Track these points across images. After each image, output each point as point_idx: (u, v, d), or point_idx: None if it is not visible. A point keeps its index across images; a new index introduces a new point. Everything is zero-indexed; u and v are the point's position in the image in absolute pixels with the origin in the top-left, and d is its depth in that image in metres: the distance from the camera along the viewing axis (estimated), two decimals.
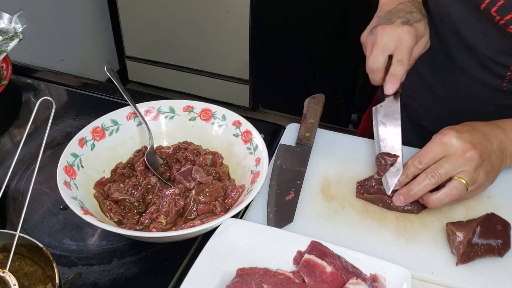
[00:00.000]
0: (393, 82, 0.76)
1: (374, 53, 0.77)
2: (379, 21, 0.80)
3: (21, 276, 0.62)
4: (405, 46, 0.76)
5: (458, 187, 0.70)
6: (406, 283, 0.62)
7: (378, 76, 0.79)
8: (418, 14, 0.80)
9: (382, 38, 0.77)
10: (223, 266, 0.65)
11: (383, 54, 0.77)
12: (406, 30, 0.76)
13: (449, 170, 0.70)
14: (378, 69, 0.78)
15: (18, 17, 1.04)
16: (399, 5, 0.81)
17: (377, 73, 0.78)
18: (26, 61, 1.13)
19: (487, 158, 0.71)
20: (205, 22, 2.45)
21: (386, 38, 0.77)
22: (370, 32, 0.80)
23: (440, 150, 0.71)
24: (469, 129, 0.73)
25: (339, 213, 0.76)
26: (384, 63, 0.77)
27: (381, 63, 0.77)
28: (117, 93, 0.93)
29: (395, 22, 0.78)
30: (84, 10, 2.51)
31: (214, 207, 0.73)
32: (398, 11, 0.80)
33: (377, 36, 0.78)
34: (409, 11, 0.79)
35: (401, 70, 0.76)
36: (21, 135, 0.93)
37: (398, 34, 0.77)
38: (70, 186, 0.70)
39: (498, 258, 0.68)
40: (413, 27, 0.77)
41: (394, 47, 0.77)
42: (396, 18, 0.78)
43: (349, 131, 2.49)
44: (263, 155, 0.76)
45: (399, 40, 0.76)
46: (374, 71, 0.78)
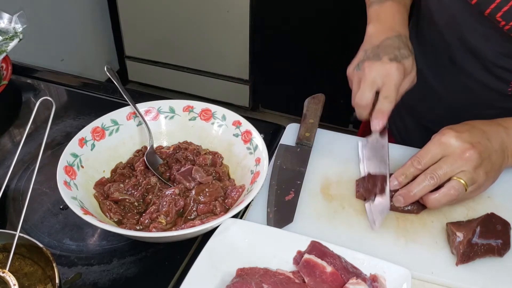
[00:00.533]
0: (380, 118, 0.76)
1: (362, 89, 0.77)
2: (366, 56, 0.80)
3: (21, 276, 0.62)
4: (393, 82, 0.76)
5: (456, 187, 0.70)
6: (406, 283, 0.62)
7: (365, 112, 0.79)
8: (405, 51, 0.79)
9: (370, 74, 0.77)
10: (223, 266, 0.65)
11: (371, 90, 0.77)
12: (394, 67, 0.76)
13: (448, 170, 0.70)
14: (365, 105, 0.78)
15: (18, 17, 1.04)
16: (387, 40, 0.80)
17: (364, 109, 0.78)
18: (26, 61, 1.13)
19: (487, 158, 0.71)
20: (205, 22, 2.45)
21: (374, 74, 0.77)
22: (357, 67, 0.80)
23: (439, 150, 0.71)
24: (469, 129, 0.72)
25: (339, 213, 0.76)
26: (372, 99, 0.77)
27: (369, 99, 0.77)
28: (117, 93, 0.93)
29: (383, 58, 0.77)
30: (84, 10, 2.51)
31: (214, 207, 0.73)
32: (386, 46, 0.79)
33: (365, 71, 0.77)
34: (397, 47, 0.79)
35: (388, 106, 0.76)
36: (21, 135, 0.93)
37: (386, 70, 0.76)
38: (70, 186, 0.70)
39: (498, 258, 0.68)
40: (401, 63, 0.77)
41: (381, 83, 0.76)
42: (383, 54, 0.78)
43: (349, 131, 2.49)
44: (263, 155, 0.76)
45: (387, 76, 0.76)
46: (362, 107, 0.78)
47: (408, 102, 0.79)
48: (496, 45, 0.82)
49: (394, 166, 0.81)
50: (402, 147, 0.87)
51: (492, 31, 0.80)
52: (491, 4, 0.76)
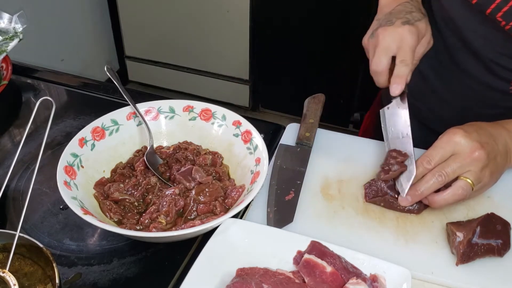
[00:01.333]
0: (398, 83, 0.76)
1: (377, 55, 0.77)
2: (379, 23, 0.80)
3: (21, 276, 0.62)
4: (408, 45, 0.76)
5: (464, 187, 0.70)
6: (406, 283, 0.62)
7: (382, 78, 0.78)
8: (418, 14, 0.79)
9: (384, 40, 0.77)
10: (223, 266, 0.65)
11: (386, 55, 0.77)
12: (407, 29, 0.76)
13: (456, 169, 0.70)
14: (382, 71, 0.78)
15: (18, 17, 1.04)
16: (398, 6, 0.81)
17: (381, 75, 0.78)
18: (26, 61, 1.13)
19: (493, 159, 0.71)
20: (205, 22, 2.45)
21: (388, 39, 0.77)
22: (371, 35, 0.80)
23: (449, 149, 0.71)
24: (477, 129, 0.72)
25: (339, 213, 0.76)
26: (388, 64, 0.77)
27: (385, 65, 0.77)
28: (117, 93, 0.93)
29: (396, 22, 0.77)
30: (84, 10, 2.51)
31: (214, 207, 0.73)
32: (398, 12, 0.80)
33: (379, 38, 0.77)
34: (408, 11, 0.79)
35: (406, 70, 0.76)
36: (21, 135, 0.93)
37: (399, 34, 0.76)
38: (70, 186, 0.70)
39: (498, 258, 0.68)
40: (414, 26, 0.77)
41: (396, 47, 0.76)
42: (396, 19, 0.78)
43: (349, 131, 2.49)
44: (263, 155, 0.76)
45: (401, 40, 0.76)
46: (378, 74, 0.78)
47: (410, 102, 0.79)
48: (496, 45, 0.82)
49: None
50: None
51: (493, 31, 0.80)
52: (491, 4, 0.76)
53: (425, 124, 1.02)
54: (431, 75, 0.96)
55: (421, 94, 0.98)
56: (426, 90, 0.98)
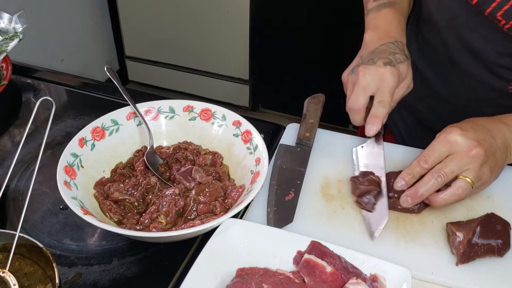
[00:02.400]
0: (374, 123, 0.75)
1: (355, 93, 0.77)
2: (362, 60, 0.79)
3: (21, 276, 0.62)
4: (387, 87, 0.76)
5: (464, 186, 0.69)
6: (406, 283, 0.62)
7: (359, 117, 0.78)
8: (401, 56, 0.79)
9: (364, 78, 0.76)
10: (223, 266, 0.65)
11: (365, 94, 0.76)
12: (388, 70, 0.76)
13: (455, 168, 0.70)
14: (359, 110, 0.77)
15: (18, 17, 1.04)
16: (382, 46, 0.80)
17: (357, 113, 0.78)
18: (26, 61, 1.13)
19: (491, 155, 0.71)
20: (205, 22, 2.45)
21: (368, 78, 0.76)
22: (352, 71, 0.79)
23: (445, 148, 0.71)
24: (473, 126, 0.72)
25: (339, 213, 0.76)
26: (365, 103, 0.77)
27: (362, 104, 0.77)
28: (117, 93, 0.93)
29: (378, 62, 0.77)
30: (84, 10, 2.51)
31: (214, 207, 0.73)
32: (381, 51, 0.79)
33: (359, 75, 0.77)
34: (392, 52, 0.79)
35: (383, 111, 0.75)
36: (21, 135, 0.93)
37: (380, 74, 0.76)
38: (70, 186, 0.70)
39: (498, 258, 0.68)
40: (395, 68, 0.77)
41: (375, 87, 0.76)
42: (378, 58, 0.77)
43: (349, 131, 2.49)
44: (263, 155, 0.76)
45: (381, 80, 0.76)
46: (355, 112, 0.78)
47: (409, 102, 0.79)
48: (496, 45, 0.82)
49: (394, 166, 0.81)
50: (403, 147, 0.87)
51: (492, 31, 0.80)
52: (491, 4, 0.76)
53: (424, 123, 1.02)
54: (431, 75, 0.96)
55: (421, 93, 0.98)
56: (425, 90, 0.98)
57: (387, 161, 0.79)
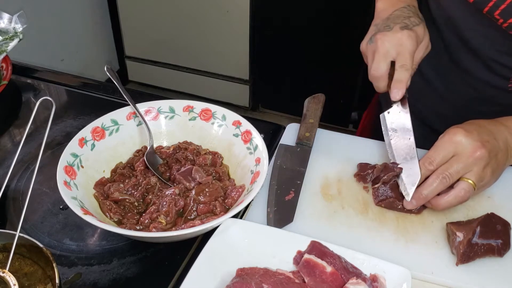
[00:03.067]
0: (399, 87, 0.76)
1: (376, 60, 0.77)
2: (377, 28, 0.80)
3: (21, 276, 0.62)
4: (407, 50, 0.76)
5: (466, 188, 0.70)
6: (406, 283, 0.62)
7: (382, 84, 0.78)
8: (415, 18, 0.79)
9: (382, 45, 0.77)
10: (223, 266, 0.65)
11: (385, 60, 0.77)
12: (406, 34, 0.76)
13: (459, 170, 0.70)
14: (381, 77, 0.78)
15: (18, 17, 1.04)
16: (396, 11, 0.81)
17: (381, 80, 0.78)
18: (26, 61, 1.13)
19: (494, 156, 0.71)
20: (205, 22, 2.45)
21: (387, 45, 0.77)
22: (370, 40, 0.80)
23: (450, 149, 0.71)
24: (477, 128, 0.72)
25: (339, 213, 0.76)
26: (387, 69, 0.77)
27: (384, 70, 0.77)
28: (117, 93, 0.93)
29: (394, 28, 0.77)
30: (84, 10, 2.51)
31: (214, 207, 0.73)
32: (396, 17, 0.79)
33: (377, 43, 0.77)
34: (406, 16, 0.79)
35: (406, 75, 0.76)
36: (21, 135, 0.93)
37: (398, 39, 0.76)
38: (70, 186, 0.70)
39: (498, 258, 0.68)
40: (412, 31, 0.77)
41: (395, 52, 0.76)
42: (394, 24, 0.78)
43: (349, 131, 2.49)
44: (263, 155, 0.76)
45: (400, 45, 0.76)
46: (378, 79, 0.78)
47: (410, 103, 0.79)
48: (495, 43, 0.82)
49: None
50: None
51: (491, 29, 0.80)
52: (489, 3, 0.76)
53: (426, 123, 1.02)
54: (431, 74, 0.96)
55: (421, 93, 0.98)
56: (426, 89, 0.98)
57: (387, 159, 0.79)
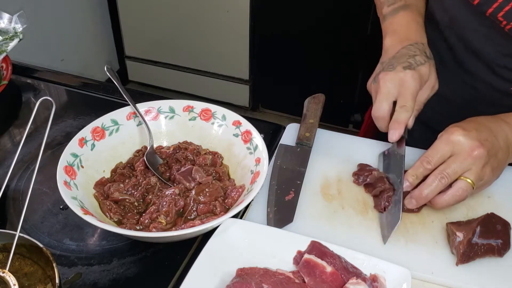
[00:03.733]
0: (396, 128, 0.76)
1: (378, 100, 0.77)
2: (382, 67, 0.79)
3: (21, 276, 0.62)
4: (409, 91, 0.76)
5: (464, 187, 0.70)
6: (406, 283, 0.62)
7: (383, 124, 0.78)
8: (421, 57, 0.79)
9: (384, 85, 0.77)
10: (223, 266, 0.65)
11: (387, 101, 0.77)
12: (409, 74, 0.76)
13: (457, 169, 0.70)
14: (383, 117, 0.77)
15: (18, 17, 1.04)
16: (402, 49, 0.80)
17: (382, 120, 0.78)
18: (26, 61, 1.13)
19: (493, 155, 0.71)
20: (205, 22, 2.45)
21: (389, 85, 0.76)
22: (374, 80, 0.80)
23: (448, 148, 0.71)
24: (476, 126, 0.72)
25: (339, 213, 0.76)
26: (389, 110, 0.77)
27: (386, 111, 0.77)
28: (117, 93, 0.93)
29: (397, 67, 0.77)
30: (84, 10, 2.51)
31: (214, 207, 0.73)
32: (401, 56, 0.79)
33: (380, 83, 0.77)
34: (412, 55, 0.78)
35: (405, 115, 0.75)
36: (21, 135, 0.93)
37: (400, 79, 0.76)
38: (70, 186, 0.70)
39: (498, 258, 0.68)
40: (416, 71, 0.76)
41: (397, 93, 0.76)
42: (398, 63, 0.77)
43: (349, 131, 2.49)
44: (263, 155, 0.76)
45: (402, 85, 0.76)
46: (379, 119, 0.78)
47: None
48: (498, 45, 0.82)
49: None
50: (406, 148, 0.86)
51: (493, 31, 0.80)
52: (493, 4, 0.76)
53: (428, 125, 1.02)
54: None
55: None
56: None
57: None
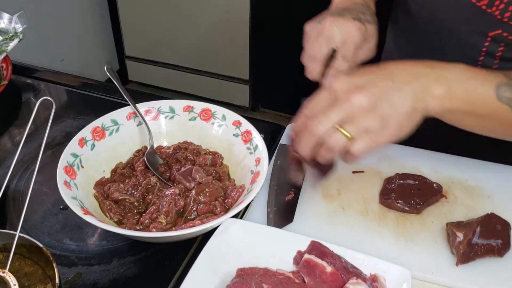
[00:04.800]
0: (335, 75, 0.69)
1: (319, 41, 0.73)
2: (330, 13, 0.76)
3: (21, 276, 0.62)
4: (352, 42, 0.73)
5: (338, 139, 0.61)
6: (406, 283, 0.62)
7: (317, 66, 0.74)
8: (370, 17, 0.77)
9: (330, 28, 0.73)
10: (223, 266, 0.65)
11: (328, 45, 0.73)
12: (357, 25, 0.73)
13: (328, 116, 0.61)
14: (319, 58, 0.74)
15: (18, 17, 1.04)
16: (353, 5, 0.78)
17: (316, 62, 0.74)
18: (26, 61, 1.13)
19: (383, 100, 0.61)
20: (205, 22, 2.45)
21: (335, 29, 0.73)
22: (317, 21, 0.76)
23: (326, 96, 0.63)
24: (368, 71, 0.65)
25: (339, 213, 0.76)
26: (326, 54, 0.73)
27: (324, 53, 0.73)
28: (117, 93, 0.93)
29: (347, 16, 0.74)
30: (84, 10, 2.51)
31: (214, 207, 0.73)
32: (351, 9, 0.77)
33: (325, 25, 0.73)
34: (362, 12, 0.77)
35: (345, 66, 0.72)
36: (21, 135, 0.93)
37: (347, 27, 0.73)
38: (70, 186, 0.70)
39: (498, 258, 0.68)
40: (364, 25, 0.74)
41: (340, 40, 0.73)
42: (348, 13, 0.75)
43: None
44: (263, 155, 0.76)
45: (348, 34, 0.73)
46: (315, 60, 0.74)
47: None
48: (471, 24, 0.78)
49: (397, 166, 0.81)
50: (399, 146, 0.86)
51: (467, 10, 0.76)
52: None
53: None
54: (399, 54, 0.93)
55: None
56: None
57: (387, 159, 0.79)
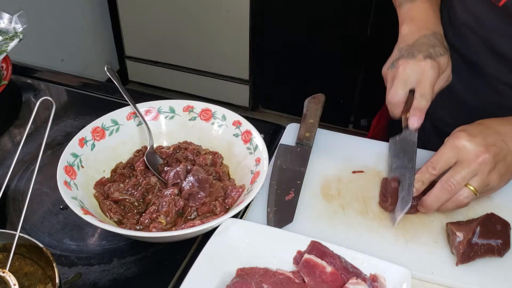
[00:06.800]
0: (418, 116, 0.75)
1: (394, 86, 0.77)
2: (401, 54, 0.79)
3: (21, 276, 0.62)
4: (428, 80, 0.75)
5: (466, 195, 0.69)
6: (406, 283, 0.62)
7: (398, 110, 0.78)
8: (440, 48, 0.78)
9: (404, 72, 0.76)
10: (223, 266, 0.65)
11: (404, 88, 0.76)
12: (429, 64, 0.76)
13: (463, 178, 0.68)
14: (397, 103, 0.77)
15: (18, 17, 1.04)
16: (422, 38, 0.79)
17: (396, 106, 0.78)
18: (26, 61, 1.13)
19: (501, 160, 0.69)
20: (205, 22, 2.45)
21: (408, 72, 0.76)
22: (391, 65, 0.79)
23: (452, 154, 0.69)
24: (482, 130, 0.71)
25: (339, 213, 0.76)
26: (405, 97, 0.77)
27: (401, 97, 0.77)
28: (117, 93, 0.93)
29: (418, 56, 0.77)
30: (84, 10, 2.51)
31: (214, 207, 0.73)
32: (420, 44, 0.78)
33: (399, 69, 0.77)
34: (431, 45, 0.78)
35: (425, 104, 0.75)
36: (21, 135, 0.93)
37: (421, 68, 0.76)
38: (70, 186, 0.70)
39: (498, 258, 0.68)
40: (436, 61, 0.76)
41: (416, 81, 0.76)
42: (418, 52, 0.77)
43: (349, 131, 2.49)
44: (263, 155, 0.76)
45: (422, 74, 0.76)
46: (394, 105, 0.78)
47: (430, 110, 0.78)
48: None
49: None
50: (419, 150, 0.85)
51: None
52: None
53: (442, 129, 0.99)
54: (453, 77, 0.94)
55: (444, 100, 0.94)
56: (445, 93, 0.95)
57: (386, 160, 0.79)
